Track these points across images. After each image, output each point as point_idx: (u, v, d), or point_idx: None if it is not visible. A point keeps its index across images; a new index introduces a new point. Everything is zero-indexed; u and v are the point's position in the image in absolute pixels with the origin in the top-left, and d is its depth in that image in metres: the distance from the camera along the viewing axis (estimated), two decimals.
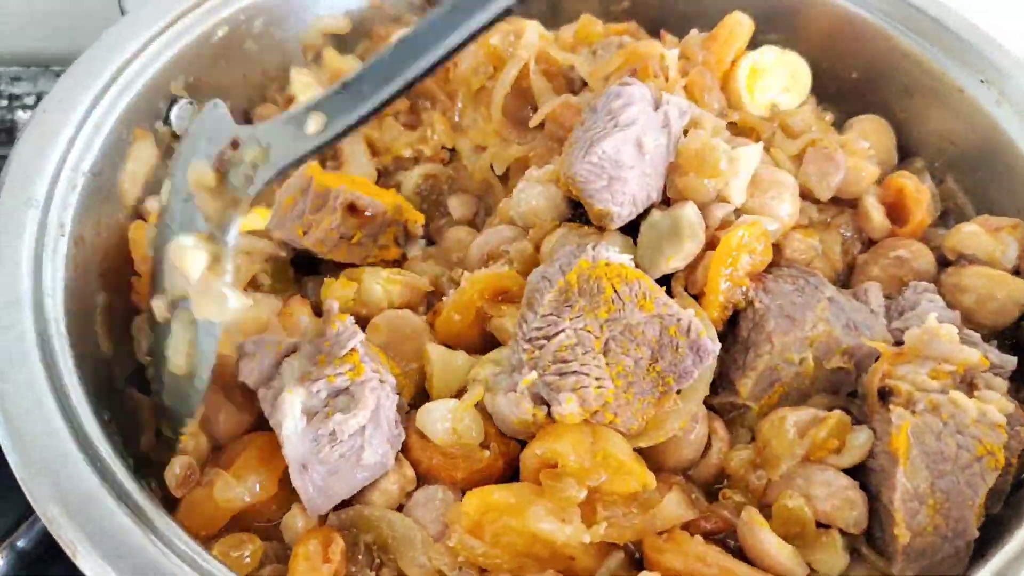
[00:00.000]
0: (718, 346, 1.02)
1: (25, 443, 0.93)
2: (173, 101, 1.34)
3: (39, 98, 1.79)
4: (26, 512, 1.22)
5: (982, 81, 1.34)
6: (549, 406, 0.99)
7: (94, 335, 1.14)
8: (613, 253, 1.01)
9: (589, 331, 0.99)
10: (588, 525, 0.94)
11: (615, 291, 0.99)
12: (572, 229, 1.16)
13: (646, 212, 1.15)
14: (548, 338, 0.99)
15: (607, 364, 0.99)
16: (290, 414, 0.97)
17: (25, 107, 1.79)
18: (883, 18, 1.44)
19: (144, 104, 1.28)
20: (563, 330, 0.99)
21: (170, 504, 1.00)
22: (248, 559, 0.96)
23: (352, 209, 1.23)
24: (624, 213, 1.12)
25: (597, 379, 0.98)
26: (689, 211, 1.11)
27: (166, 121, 1.34)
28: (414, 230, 1.30)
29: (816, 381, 1.11)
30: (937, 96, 1.39)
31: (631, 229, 1.16)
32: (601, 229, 1.14)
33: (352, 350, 1.00)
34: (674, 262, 1.09)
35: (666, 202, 1.16)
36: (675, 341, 1.00)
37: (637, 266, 1.04)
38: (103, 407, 1.03)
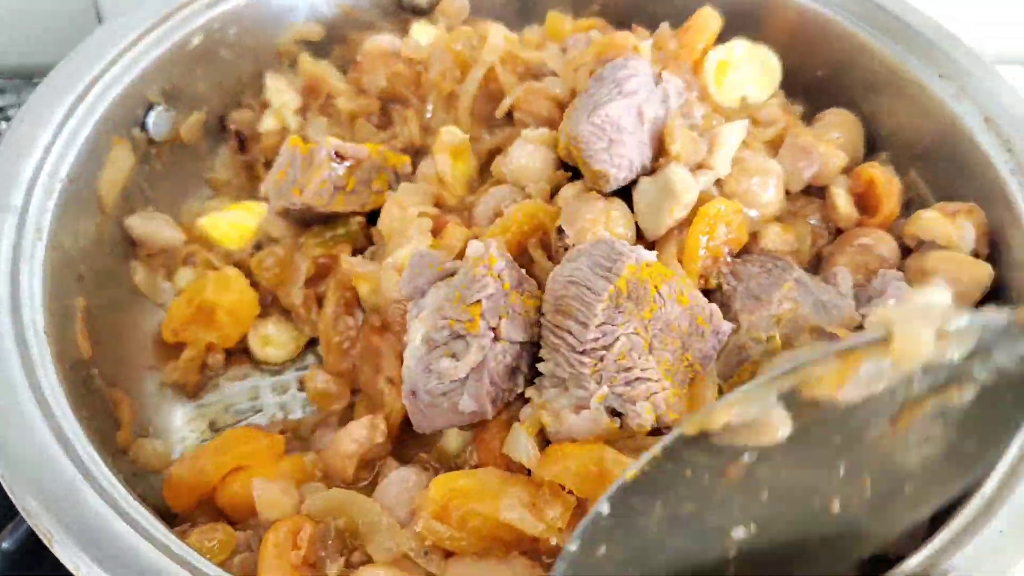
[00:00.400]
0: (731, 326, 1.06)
1: (5, 441, 0.95)
2: (150, 108, 1.36)
3: None
4: (10, 513, 1.24)
5: (940, 76, 1.37)
6: (621, 416, 0.99)
7: (73, 337, 1.16)
8: (646, 253, 1.03)
9: (638, 333, 0.99)
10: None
11: (658, 291, 1.01)
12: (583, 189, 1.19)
13: (634, 182, 1.19)
14: (607, 348, 0.98)
15: (656, 362, 1.01)
16: (413, 340, 1.03)
17: (8, 119, 1.82)
18: (847, 16, 1.47)
19: (121, 111, 1.30)
20: (619, 337, 0.98)
21: (144, 498, 1.01)
22: (217, 547, 0.98)
23: (339, 157, 1.28)
24: (620, 176, 1.16)
25: (657, 381, 0.99)
26: (677, 169, 1.15)
27: (143, 128, 1.36)
28: (403, 171, 1.35)
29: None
30: (899, 91, 1.42)
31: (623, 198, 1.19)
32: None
33: (477, 302, 1.01)
34: (677, 211, 1.13)
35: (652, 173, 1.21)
36: (701, 328, 1.04)
37: (640, 229, 1.10)
38: (81, 405, 1.05)
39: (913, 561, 0.89)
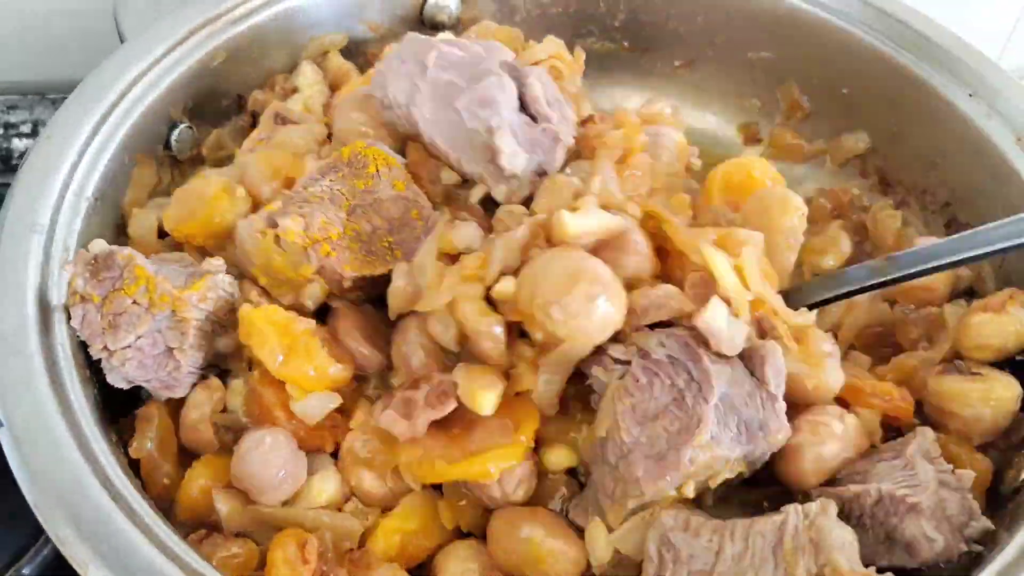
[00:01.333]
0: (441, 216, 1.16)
1: (35, 467, 0.93)
2: (173, 126, 1.36)
3: (35, 126, 1.81)
4: (32, 539, 1.23)
5: (971, 95, 1.37)
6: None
7: None
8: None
9: (342, 193, 1.15)
10: None
11: (377, 170, 1.16)
12: None
13: None
14: (305, 188, 1.15)
15: (347, 220, 1.14)
16: None
17: (21, 135, 1.81)
18: (869, 31, 1.47)
19: (145, 129, 1.30)
20: (319, 185, 1.15)
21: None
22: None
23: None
24: None
25: (327, 219, 1.12)
26: None
27: (167, 146, 1.36)
28: None
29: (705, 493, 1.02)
30: (923, 109, 1.42)
31: None
32: None
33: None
34: None
35: None
36: (415, 223, 1.15)
37: None
38: (110, 428, 1.05)
39: None
